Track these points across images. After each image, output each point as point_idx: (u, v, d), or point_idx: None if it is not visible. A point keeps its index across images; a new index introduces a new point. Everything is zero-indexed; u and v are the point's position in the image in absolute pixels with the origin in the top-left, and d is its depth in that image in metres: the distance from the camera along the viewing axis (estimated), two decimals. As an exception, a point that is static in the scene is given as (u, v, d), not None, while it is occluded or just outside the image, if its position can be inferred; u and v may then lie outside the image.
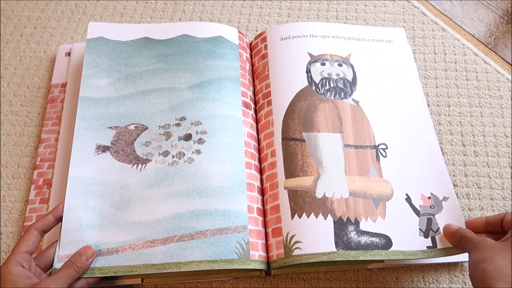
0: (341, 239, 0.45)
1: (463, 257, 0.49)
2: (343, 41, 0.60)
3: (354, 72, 0.57)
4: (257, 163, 0.52)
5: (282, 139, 0.52)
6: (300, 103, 0.54)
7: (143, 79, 0.55)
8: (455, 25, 0.69)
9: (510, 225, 0.42)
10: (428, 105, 0.61)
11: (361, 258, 0.44)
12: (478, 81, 0.63)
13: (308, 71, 0.56)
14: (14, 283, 0.39)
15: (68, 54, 0.63)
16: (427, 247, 0.46)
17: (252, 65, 0.60)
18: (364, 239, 0.45)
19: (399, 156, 0.52)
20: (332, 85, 0.55)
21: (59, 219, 0.46)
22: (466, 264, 0.50)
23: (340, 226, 0.46)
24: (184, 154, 0.50)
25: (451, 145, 0.58)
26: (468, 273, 0.49)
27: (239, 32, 0.60)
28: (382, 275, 0.49)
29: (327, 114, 0.53)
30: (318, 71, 0.56)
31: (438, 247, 0.46)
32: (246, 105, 0.55)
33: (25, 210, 0.53)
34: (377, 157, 0.51)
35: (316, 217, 0.46)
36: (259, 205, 0.49)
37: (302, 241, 0.45)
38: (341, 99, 0.54)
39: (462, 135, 0.58)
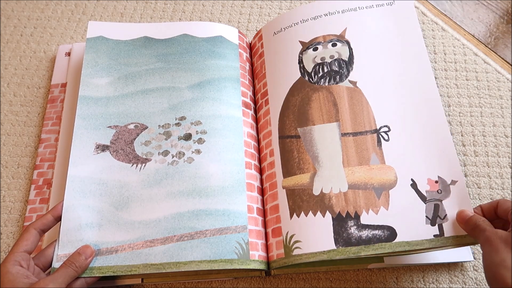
0: (340, 235, 0.44)
1: (463, 257, 0.49)
2: (337, 16, 0.55)
3: (350, 49, 0.53)
4: (257, 163, 0.52)
5: (279, 137, 0.51)
6: (294, 97, 0.52)
7: (143, 79, 0.55)
8: (455, 25, 0.69)
9: (506, 212, 0.40)
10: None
11: (362, 254, 0.43)
12: (478, 81, 0.63)
13: (300, 62, 0.54)
14: (12, 283, 0.39)
15: (68, 54, 0.63)
16: (434, 235, 0.43)
17: (252, 65, 0.60)
18: (365, 233, 0.44)
19: (404, 138, 0.48)
20: (326, 70, 0.52)
21: (58, 219, 0.46)
22: (466, 264, 0.50)
23: (339, 222, 0.45)
24: (184, 154, 0.50)
25: (451, 145, 0.58)
26: (468, 273, 0.49)
27: (239, 32, 0.60)
28: (382, 275, 0.49)
29: (321, 104, 0.51)
30: (310, 59, 0.53)
31: (446, 235, 0.43)
32: (246, 105, 0.55)
33: (25, 210, 0.53)
34: (379, 142, 0.48)
35: (314, 215, 0.46)
36: (259, 205, 0.49)
37: (301, 241, 0.45)
38: (337, 83, 0.51)
39: (462, 135, 0.58)
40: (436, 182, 0.46)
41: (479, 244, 0.40)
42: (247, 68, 0.58)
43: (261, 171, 0.52)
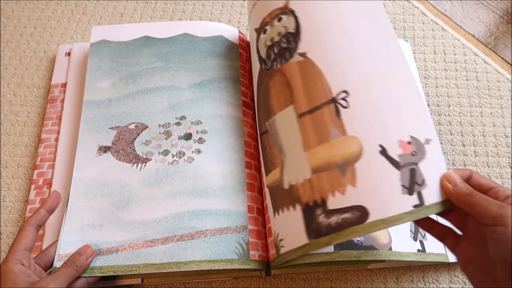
0: (311, 227, 0.39)
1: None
2: None
3: (295, 18, 0.46)
4: (257, 162, 0.52)
5: (260, 135, 0.49)
6: (259, 91, 0.49)
7: (143, 78, 0.55)
8: (455, 25, 0.69)
9: (484, 188, 0.35)
10: (428, 105, 0.61)
11: (334, 243, 0.37)
12: (478, 81, 0.63)
13: (257, 51, 0.50)
14: (14, 281, 0.39)
15: (68, 54, 0.63)
16: (414, 206, 0.36)
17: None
18: (334, 219, 0.38)
19: (366, 101, 0.40)
20: (276, 51, 0.47)
21: (51, 211, 0.45)
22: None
23: (309, 213, 0.40)
24: (184, 154, 0.50)
25: (451, 145, 0.58)
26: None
27: (239, 32, 0.60)
28: (382, 275, 0.49)
29: (277, 89, 0.46)
30: (263, 44, 0.48)
31: (427, 203, 0.36)
32: (246, 105, 0.55)
33: (25, 210, 0.53)
34: (337, 111, 0.41)
35: (288, 210, 0.42)
36: (259, 205, 0.49)
37: (283, 239, 0.43)
38: (287, 61, 0.45)
39: (462, 135, 0.58)
40: (409, 143, 0.38)
41: (480, 221, 0.34)
42: (247, 68, 0.58)
43: (260, 170, 0.52)
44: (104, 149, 0.51)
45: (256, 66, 0.51)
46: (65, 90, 0.59)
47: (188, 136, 0.51)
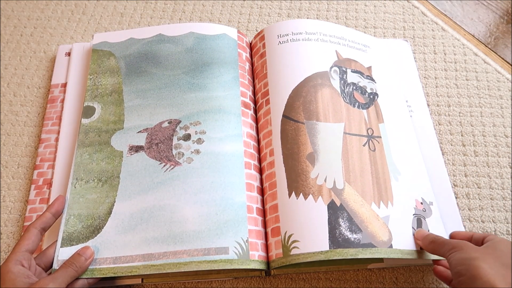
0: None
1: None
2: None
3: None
4: (256, 163, 0.52)
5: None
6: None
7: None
8: (455, 25, 0.69)
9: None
10: (428, 105, 0.61)
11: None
12: (478, 81, 0.63)
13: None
14: (13, 282, 0.39)
15: (68, 54, 0.63)
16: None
17: (252, 64, 0.60)
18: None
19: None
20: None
21: (57, 215, 0.46)
22: (466, 264, 0.50)
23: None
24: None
25: (451, 145, 0.58)
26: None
27: (239, 32, 0.60)
28: (382, 275, 0.49)
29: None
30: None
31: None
32: (245, 105, 0.55)
33: (25, 210, 0.53)
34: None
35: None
36: (259, 205, 0.49)
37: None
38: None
39: (462, 135, 0.58)
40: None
41: (445, 256, 0.41)
42: (246, 68, 0.58)
43: (261, 171, 0.52)
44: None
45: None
46: (65, 90, 0.59)
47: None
